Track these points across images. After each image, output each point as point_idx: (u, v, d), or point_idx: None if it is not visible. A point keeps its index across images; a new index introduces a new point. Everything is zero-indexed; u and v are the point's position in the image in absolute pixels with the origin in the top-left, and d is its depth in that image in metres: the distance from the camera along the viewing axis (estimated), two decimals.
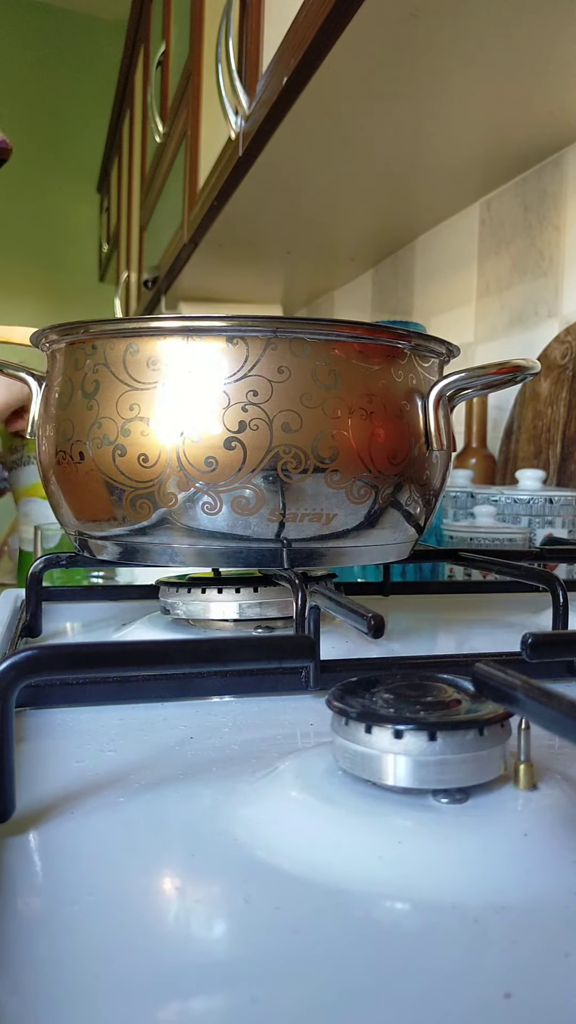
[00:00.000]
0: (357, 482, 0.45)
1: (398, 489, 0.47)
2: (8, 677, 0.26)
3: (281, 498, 0.44)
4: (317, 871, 0.23)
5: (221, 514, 0.44)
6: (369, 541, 0.48)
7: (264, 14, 1.12)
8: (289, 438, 0.44)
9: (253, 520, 0.44)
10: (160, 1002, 0.18)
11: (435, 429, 0.48)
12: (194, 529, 0.45)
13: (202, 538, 0.45)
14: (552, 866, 0.23)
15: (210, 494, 0.44)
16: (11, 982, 0.19)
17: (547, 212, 1.19)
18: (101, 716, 0.37)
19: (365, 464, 0.45)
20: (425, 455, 0.49)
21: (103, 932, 0.21)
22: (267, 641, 0.32)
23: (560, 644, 0.36)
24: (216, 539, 0.45)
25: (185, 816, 0.27)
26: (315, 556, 0.47)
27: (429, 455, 0.49)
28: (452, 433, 0.52)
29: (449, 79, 0.95)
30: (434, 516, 0.53)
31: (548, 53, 0.88)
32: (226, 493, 0.44)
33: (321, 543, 0.46)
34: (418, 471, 0.48)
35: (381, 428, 0.46)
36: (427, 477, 0.49)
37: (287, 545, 0.45)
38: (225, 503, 0.44)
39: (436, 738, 0.25)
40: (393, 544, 0.49)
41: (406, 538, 0.50)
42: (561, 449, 1.06)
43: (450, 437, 0.50)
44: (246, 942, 0.20)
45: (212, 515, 0.44)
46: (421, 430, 0.48)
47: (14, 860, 0.24)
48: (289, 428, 0.44)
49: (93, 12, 3.72)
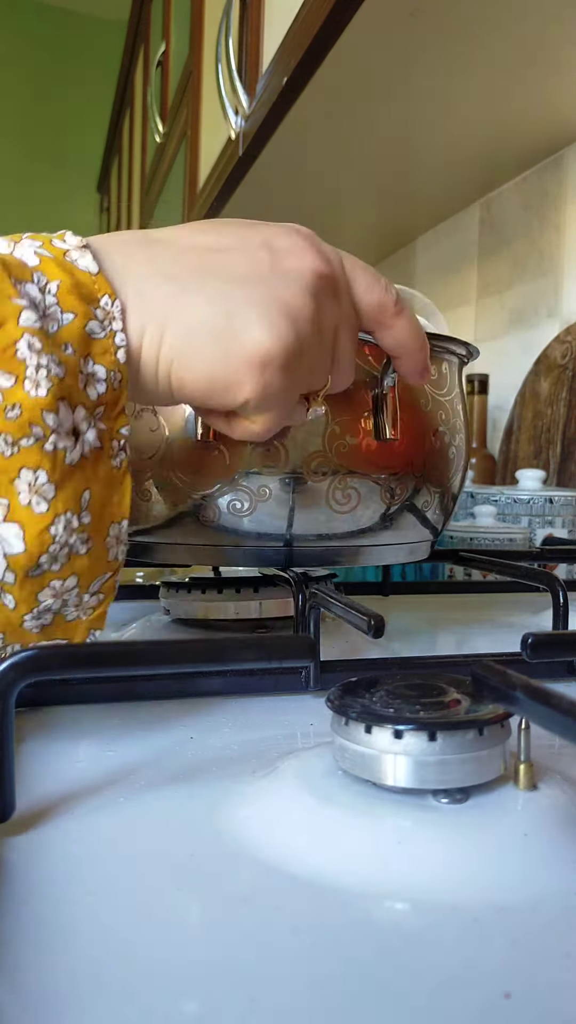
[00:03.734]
0: (381, 484, 0.45)
1: (416, 490, 0.47)
2: (8, 677, 0.26)
3: (294, 498, 0.44)
4: (317, 871, 0.23)
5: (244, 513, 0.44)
6: (387, 540, 0.47)
7: (264, 14, 1.12)
8: (305, 439, 0.43)
9: (267, 520, 0.44)
10: (160, 1002, 0.18)
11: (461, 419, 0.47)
12: (211, 528, 0.45)
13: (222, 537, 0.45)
14: (552, 866, 0.23)
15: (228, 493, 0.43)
16: (11, 982, 0.19)
17: (547, 212, 1.19)
18: (101, 716, 0.37)
19: (387, 466, 0.45)
20: (445, 456, 0.48)
21: (103, 932, 0.21)
22: (267, 641, 0.32)
23: (560, 644, 0.36)
24: (233, 538, 0.45)
25: (185, 816, 0.27)
26: (332, 555, 0.46)
27: (439, 451, 0.48)
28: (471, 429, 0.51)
29: (449, 79, 0.95)
30: (452, 517, 0.53)
31: (548, 53, 0.88)
32: (238, 492, 0.44)
33: (339, 542, 0.46)
34: (436, 472, 0.48)
35: (404, 430, 0.45)
36: (437, 475, 0.49)
37: (295, 545, 0.45)
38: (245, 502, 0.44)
39: (436, 738, 0.25)
40: (409, 544, 0.49)
41: (425, 537, 0.50)
42: (561, 449, 1.06)
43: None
44: (246, 942, 0.20)
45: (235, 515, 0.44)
46: (443, 431, 0.48)
47: (14, 860, 0.24)
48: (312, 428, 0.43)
49: (93, 12, 3.72)
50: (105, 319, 0.31)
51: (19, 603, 0.30)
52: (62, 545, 0.30)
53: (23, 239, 0.31)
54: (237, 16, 1.22)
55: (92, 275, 0.31)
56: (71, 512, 0.30)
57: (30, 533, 0.29)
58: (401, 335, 0.39)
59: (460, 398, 0.51)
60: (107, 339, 0.31)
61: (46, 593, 0.30)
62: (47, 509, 0.29)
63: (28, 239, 0.31)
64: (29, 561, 0.29)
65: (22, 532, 0.28)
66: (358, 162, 1.22)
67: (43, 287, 0.30)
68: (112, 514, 0.32)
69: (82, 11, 3.73)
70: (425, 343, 0.40)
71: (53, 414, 0.29)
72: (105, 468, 0.31)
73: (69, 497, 0.30)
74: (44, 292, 0.30)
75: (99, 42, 3.73)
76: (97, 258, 0.31)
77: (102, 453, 0.31)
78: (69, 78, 3.75)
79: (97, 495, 0.31)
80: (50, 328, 0.29)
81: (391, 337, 0.39)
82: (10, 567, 0.29)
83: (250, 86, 1.16)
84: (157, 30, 2.13)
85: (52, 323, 0.29)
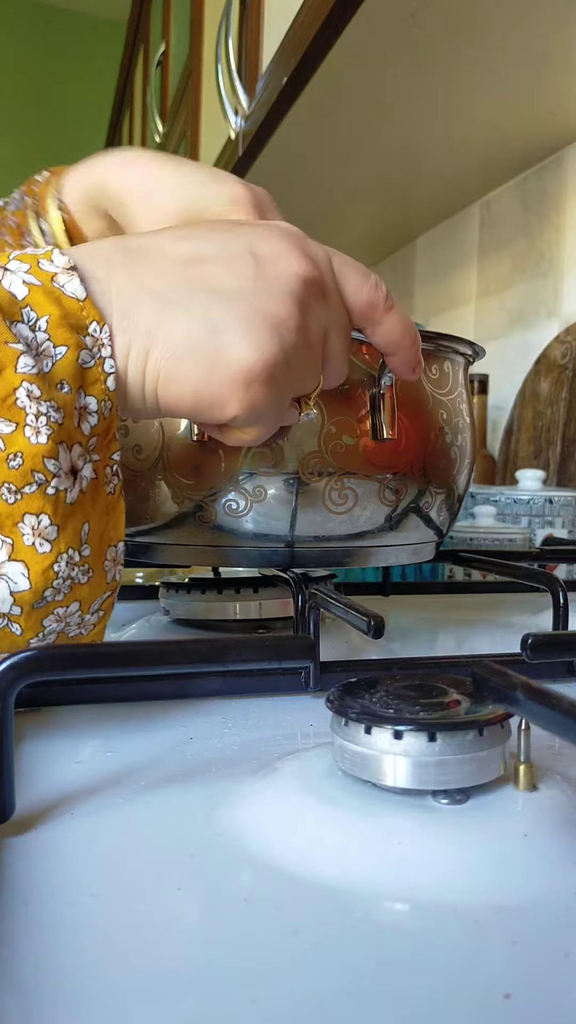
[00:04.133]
0: (381, 484, 0.45)
1: (420, 491, 0.47)
2: (8, 677, 0.26)
3: (297, 500, 0.44)
4: (317, 872, 0.23)
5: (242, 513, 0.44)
6: (390, 541, 0.47)
7: (264, 14, 1.12)
8: (308, 439, 0.43)
9: (265, 520, 0.44)
10: (160, 1002, 0.18)
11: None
12: (209, 528, 0.45)
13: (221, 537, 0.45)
14: (552, 867, 0.23)
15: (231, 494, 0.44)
16: (11, 982, 0.19)
17: (547, 212, 1.19)
18: (101, 716, 0.37)
19: (386, 467, 0.45)
20: (447, 456, 0.48)
21: (103, 932, 0.21)
22: (267, 641, 0.32)
23: (560, 644, 0.36)
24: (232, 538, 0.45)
25: (185, 816, 0.27)
26: (335, 556, 0.46)
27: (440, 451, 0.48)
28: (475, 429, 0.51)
29: (449, 79, 0.95)
30: (457, 519, 0.53)
31: (548, 53, 0.88)
32: (236, 492, 0.44)
33: (339, 543, 0.46)
34: (439, 473, 0.48)
35: (403, 430, 0.45)
36: (448, 478, 0.48)
37: (296, 546, 0.45)
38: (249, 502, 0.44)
39: (436, 739, 0.25)
40: (413, 544, 0.49)
41: (428, 539, 0.50)
42: (561, 449, 1.06)
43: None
44: (246, 942, 0.20)
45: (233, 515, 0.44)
46: (444, 431, 0.48)
47: (14, 860, 0.24)
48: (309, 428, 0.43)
49: (93, 12, 3.72)
50: (94, 346, 0.31)
51: (25, 630, 0.31)
52: (64, 579, 0.31)
53: (11, 262, 0.31)
54: (237, 16, 1.22)
55: (80, 301, 0.31)
56: (72, 548, 0.31)
57: (34, 571, 0.30)
58: (392, 331, 0.39)
59: (464, 398, 0.51)
60: (96, 367, 0.31)
61: (50, 619, 0.31)
62: (50, 549, 0.30)
63: (16, 262, 0.31)
64: (34, 596, 0.30)
65: (27, 570, 0.29)
66: (358, 162, 1.22)
67: (33, 325, 0.30)
68: (109, 539, 0.33)
69: (82, 11, 3.73)
70: (417, 338, 0.40)
71: (53, 460, 0.29)
72: (101, 498, 0.32)
73: (70, 535, 0.31)
74: (35, 330, 0.30)
75: (99, 42, 3.73)
76: (83, 281, 0.31)
77: (98, 483, 0.32)
78: (69, 78, 3.75)
79: (95, 526, 0.32)
80: (44, 367, 0.30)
81: (381, 334, 0.39)
82: (16, 602, 0.30)
83: (250, 86, 1.16)
84: (157, 30, 2.13)
85: (46, 360, 0.30)
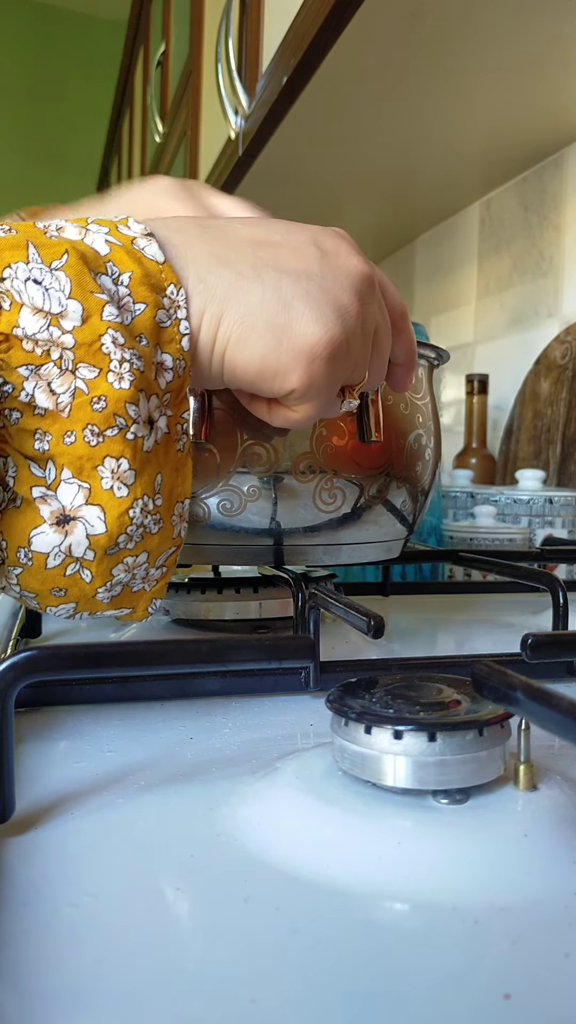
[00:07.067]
0: (347, 481, 0.46)
1: (386, 487, 0.47)
2: (8, 677, 0.26)
3: (274, 496, 0.44)
4: (317, 872, 0.23)
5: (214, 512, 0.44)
6: (360, 539, 0.48)
7: (264, 14, 1.11)
8: (300, 440, 0.44)
9: (245, 518, 0.44)
10: (160, 1002, 0.18)
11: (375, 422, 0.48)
12: (201, 526, 0.45)
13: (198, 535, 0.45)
14: (552, 867, 0.23)
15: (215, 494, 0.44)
16: (11, 982, 0.19)
17: (547, 212, 1.19)
18: (101, 716, 0.37)
19: (353, 465, 0.46)
20: (413, 453, 0.49)
21: (103, 932, 0.21)
22: (267, 641, 0.32)
23: (560, 644, 0.36)
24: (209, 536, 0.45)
25: (185, 816, 0.27)
26: (306, 553, 0.47)
27: (417, 452, 0.49)
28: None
29: (449, 79, 0.95)
30: (423, 514, 0.54)
31: (548, 53, 0.88)
32: (218, 493, 0.44)
33: (312, 539, 0.46)
34: (406, 469, 0.48)
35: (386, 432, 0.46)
36: (415, 475, 0.49)
37: (279, 543, 0.45)
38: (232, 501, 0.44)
39: (436, 739, 0.25)
40: (383, 542, 0.50)
41: (396, 535, 0.51)
42: (561, 449, 1.06)
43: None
44: (246, 942, 0.20)
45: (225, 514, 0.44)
46: (409, 430, 0.48)
47: (14, 860, 0.24)
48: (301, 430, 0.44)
49: (93, 12, 3.72)
50: (171, 307, 0.32)
51: (95, 577, 0.32)
52: (138, 526, 0.32)
53: (90, 224, 0.32)
54: (237, 16, 1.22)
55: (159, 264, 0.32)
56: (147, 496, 0.32)
57: (111, 515, 0.31)
58: (407, 344, 0.41)
59: (430, 400, 0.53)
60: (172, 327, 0.32)
61: (119, 568, 0.33)
62: (127, 494, 0.31)
63: (95, 225, 0.32)
64: (109, 541, 0.31)
65: (103, 514, 0.31)
66: (358, 162, 1.22)
67: (116, 278, 0.31)
68: (178, 494, 0.34)
69: (82, 11, 3.73)
70: (416, 356, 0.43)
71: (135, 406, 0.31)
72: (172, 453, 0.34)
73: (146, 482, 0.32)
74: (117, 284, 0.31)
75: (99, 42, 3.73)
76: (161, 246, 0.33)
77: (170, 438, 0.33)
78: (69, 78, 3.75)
79: (167, 478, 0.33)
80: (125, 320, 0.31)
81: (400, 344, 0.41)
82: (91, 546, 0.31)
83: (250, 86, 1.16)
84: (157, 30, 2.13)
85: (126, 314, 0.31)
